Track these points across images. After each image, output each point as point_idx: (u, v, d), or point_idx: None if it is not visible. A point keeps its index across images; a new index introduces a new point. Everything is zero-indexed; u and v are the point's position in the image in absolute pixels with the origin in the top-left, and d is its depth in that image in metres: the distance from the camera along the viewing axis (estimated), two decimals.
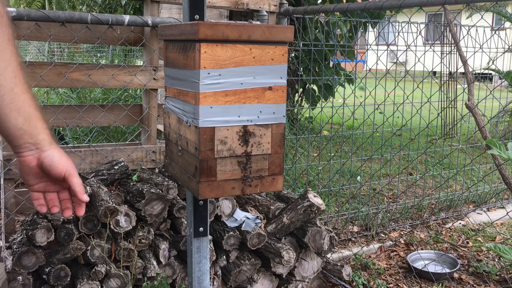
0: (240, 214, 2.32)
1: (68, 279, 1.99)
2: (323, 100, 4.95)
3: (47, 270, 1.97)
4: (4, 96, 0.89)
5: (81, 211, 1.03)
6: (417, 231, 3.40)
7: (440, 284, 2.65)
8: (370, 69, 3.03)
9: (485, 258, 2.99)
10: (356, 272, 2.73)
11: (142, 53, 3.49)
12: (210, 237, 2.17)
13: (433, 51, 3.65)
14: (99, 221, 2.04)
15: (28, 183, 0.99)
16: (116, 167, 2.35)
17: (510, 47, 2.79)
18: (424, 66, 3.25)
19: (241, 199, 2.52)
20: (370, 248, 3.08)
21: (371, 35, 7.54)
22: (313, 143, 5.78)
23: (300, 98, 6.71)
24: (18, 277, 1.94)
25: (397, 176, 4.30)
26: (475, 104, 3.14)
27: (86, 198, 1.00)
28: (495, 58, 3.22)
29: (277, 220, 2.34)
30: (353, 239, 3.20)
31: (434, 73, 7.00)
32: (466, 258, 3.00)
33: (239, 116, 1.15)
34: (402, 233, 3.37)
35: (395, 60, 3.61)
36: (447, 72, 6.02)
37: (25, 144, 0.94)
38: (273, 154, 1.21)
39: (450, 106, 6.05)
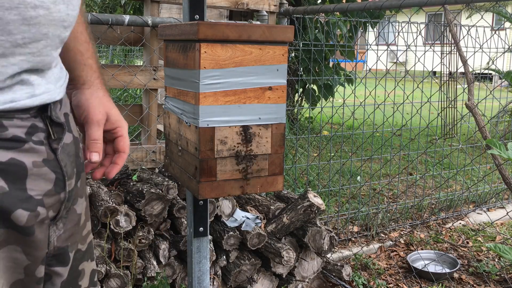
0: (240, 214, 2.32)
1: None
2: (323, 100, 4.95)
3: None
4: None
5: (107, 172, 0.87)
6: (417, 231, 3.40)
7: (440, 284, 2.65)
8: (370, 69, 3.03)
9: (485, 258, 2.99)
10: (356, 272, 2.73)
11: (142, 53, 3.49)
12: (210, 237, 2.17)
13: (433, 51, 3.65)
14: (99, 221, 2.04)
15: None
16: None
17: (510, 47, 2.79)
18: (424, 66, 3.25)
19: (241, 199, 2.52)
20: (370, 248, 3.08)
21: (371, 35, 7.54)
22: (313, 143, 5.78)
23: (300, 98, 6.71)
24: None
25: (397, 176, 4.30)
26: (475, 104, 3.14)
27: (94, 157, 0.83)
28: (495, 58, 3.22)
29: (277, 220, 2.34)
30: (353, 239, 3.19)
31: (434, 73, 7.00)
32: (466, 258, 3.00)
33: (239, 116, 1.15)
34: (402, 233, 3.37)
35: (395, 60, 3.61)
36: (447, 72, 6.02)
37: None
38: (273, 154, 1.21)
39: (450, 106, 6.05)
